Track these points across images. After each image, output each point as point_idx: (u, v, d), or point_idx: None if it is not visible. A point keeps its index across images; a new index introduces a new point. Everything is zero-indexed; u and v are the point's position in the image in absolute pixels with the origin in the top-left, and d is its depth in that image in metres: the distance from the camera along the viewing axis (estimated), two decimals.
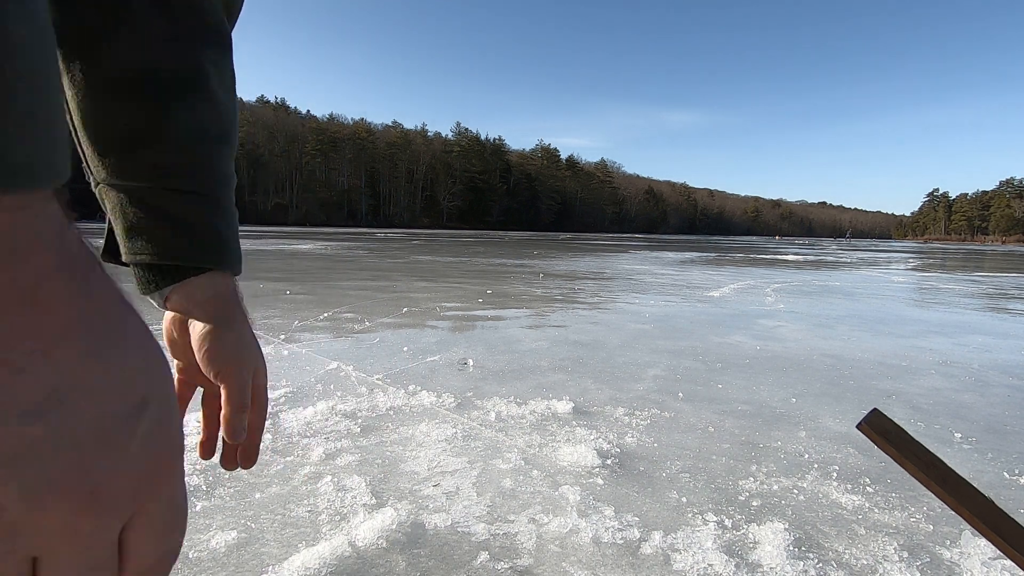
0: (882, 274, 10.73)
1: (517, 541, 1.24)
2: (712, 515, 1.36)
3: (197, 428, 1.12)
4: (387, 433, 1.83)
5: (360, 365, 2.65)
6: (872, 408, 0.52)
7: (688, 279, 8.12)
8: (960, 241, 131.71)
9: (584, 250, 18.57)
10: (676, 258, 14.68)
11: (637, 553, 1.20)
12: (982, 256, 24.81)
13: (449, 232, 55.04)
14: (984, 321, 4.76)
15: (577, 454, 1.67)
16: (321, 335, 3.31)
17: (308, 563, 1.11)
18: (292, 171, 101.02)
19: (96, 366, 0.16)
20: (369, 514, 1.30)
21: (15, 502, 0.15)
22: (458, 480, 1.51)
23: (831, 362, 3.04)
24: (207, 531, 1.23)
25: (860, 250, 29.37)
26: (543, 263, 10.82)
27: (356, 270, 8.04)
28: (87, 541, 0.17)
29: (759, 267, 11.76)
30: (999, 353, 3.40)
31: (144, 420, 0.18)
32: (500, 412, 2.04)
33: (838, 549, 1.25)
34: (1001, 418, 2.17)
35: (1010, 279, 10.08)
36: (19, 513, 0.15)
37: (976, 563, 1.20)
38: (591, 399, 2.25)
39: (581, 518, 1.32)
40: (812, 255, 19.66)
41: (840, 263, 14.63)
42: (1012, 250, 43.68)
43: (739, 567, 1.16)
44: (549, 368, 2.72)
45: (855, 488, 1.54)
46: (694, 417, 2.08)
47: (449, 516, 1.32)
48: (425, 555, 1.17)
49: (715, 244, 33.53)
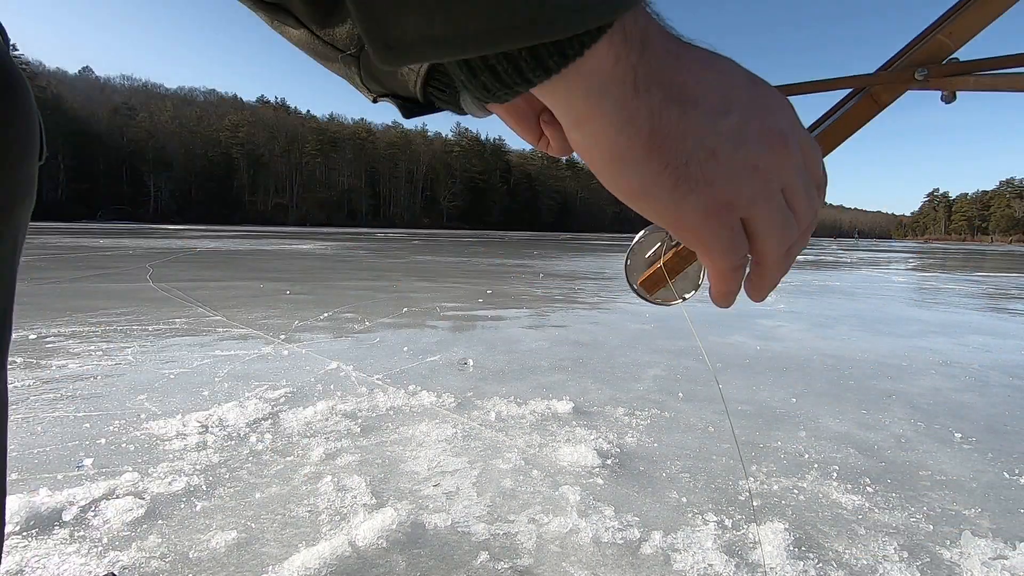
0: (882, 274, 10.73)
1: (517, 541, 1.24)
2: (712, 515, 1.36)
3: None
4: (387, 433, 1.83)
5: (360, 365, 2.65)
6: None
7: None
8: (960, 241, 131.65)
9: (584, 250, 18.57)
10: None
11: (637, 553, 1.20)
12: (982, 256, 24.80)
13: (449, 232, 55.01)
14: (984, 321, 4.76)
15: (577, 454, 1.67)
16: (321, 335, 3.31)
17: (308, 563, 1.11)
18: (292, 171, 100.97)
19: (758, 96, 0.27)
20: (369, 514, 1.30)
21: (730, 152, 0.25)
22: (458, 480, 1.51)
23: (831, 362, 3.04)
24: (207, 531, 1.23)
25: (860, 250, 29.36)
26: (543, 263, 10.82)
27: (356, 270, 8.04)
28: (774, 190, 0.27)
29: None
30: (999, 353, 3.40)
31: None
32: (500, 412, 2.04)
33: (838, 549, 1.25)
34: (1001, 418, 2.17)
35: (1010, 279, 10.08)
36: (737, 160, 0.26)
37: (976, 563, 1.20)
38: (591, 399, 2.25)
39: (581, 518, 1.33)
40: (812, 255, 19.65)
41: (840, 263, 14.63)
42: (1012, 250, 43.66)
43: (739, 567, 1.16)
44: (549, 368, 2.72)
45: (855, 488, 1.54)
46: (694, 417, 2.08)
47: (449, 516, 1.32)
48: (425, 555, 1.18)
49: None
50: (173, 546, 1.18)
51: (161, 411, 1.95)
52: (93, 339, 3.02)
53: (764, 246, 0.28)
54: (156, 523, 1.26)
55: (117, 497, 1.35)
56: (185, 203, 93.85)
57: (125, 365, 2.55)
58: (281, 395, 2.16)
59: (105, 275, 6.29)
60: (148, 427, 1.80)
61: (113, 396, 2.11)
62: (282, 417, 1.92)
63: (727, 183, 0.26)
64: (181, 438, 1.72)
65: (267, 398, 2.11)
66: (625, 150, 0.24)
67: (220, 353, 2.80)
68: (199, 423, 1.82)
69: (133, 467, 1.52)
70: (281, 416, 1.93)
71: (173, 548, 1.17)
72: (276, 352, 2.85)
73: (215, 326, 3.49)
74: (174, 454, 1.61)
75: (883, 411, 2.22)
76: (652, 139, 0.24)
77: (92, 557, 1.13)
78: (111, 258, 8.81)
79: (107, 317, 3.66)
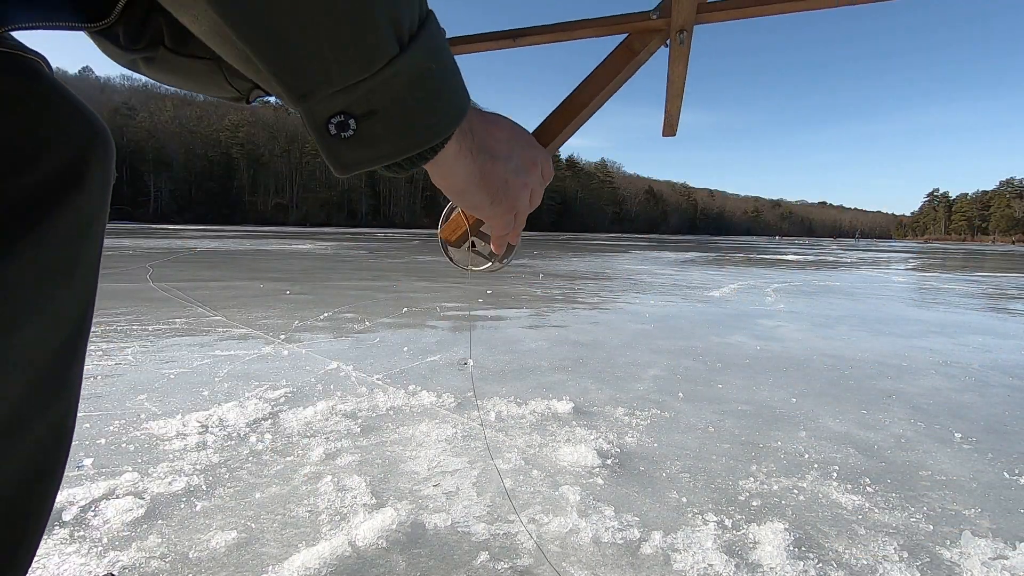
0: (882, 274, 10.73)
1: (517, 541, 1.24)
2: (712, 515, 1.36)
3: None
4: (387, 433, 1.83)
5: (360, 365, 2.65)
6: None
7: (688, 279, 8.12)
8: (960, 241, 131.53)
9: (584, 250, 18.57)
10: (676, 258, 14.68)
11: (637, 553, 1.20)
12: (982, 256, 24.80)
13: None
14: (984, 321, 4.76)
15: (577, 454, 1.67)
16: (321, 335, 3.31)
17: (308, 563, 1.11)
18: (292, 171, 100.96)
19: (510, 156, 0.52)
20: (369, 514, 1.30)
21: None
22: (458, 480, 1.51)
23: (831, 362, 3.04)
24: (207, 531, 1.23)
25: (860, 250, 29.36)
26: (543, 263, 10.82)
27: (356, 270, 8.04)
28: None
29: (759, 267, 11.76)
30: (999, 353, 3.40)
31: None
32: (500, 412, 2.04)
33: (838, 549, 1.25)
34: (1001, 418, 2.17)
35: (1010, 279, 10.08)
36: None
37: (976, 563, 1.20)
38: (591, 399, 2.25)
39: (581, 518, 1.33)
40: (812, 255, 19.65)
41: (840, 263, 14.63)
42: (1012, 250, 43.64)
43: (739, 567, 1.16)
44: (549, 368, 2.72)
45: (855, 488, 1.54)
46: (694, 417, 2.08)
47: (449, 516, 1.33)
48: (425, 555, 1.18)
49: (715, 244, 33.52)
50: (173, 546, 1.18)
51: (161, 411, 1.95)
52: (93, 339, 3.02)
53: (519, 221, 0.57)
54: (156, 523, 1.26)
55: (117, 497, 1.35)
56: (185, 203, 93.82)
57: (125, 365, 2.55)
58: (281, 395, 2.16)
59: (105, 275, 6.29)
60: (148, 427, 1.80)
61: (113, 396, 2.11)
62: (282, 417, 1.92)
63: (515, 198, 0.52)
64: (181, 438, 1.72)
65: (267, 398, 2.11)
66: (467, 186, 0.47)
67: (220, 353, 2.80)
68: (199, 423, 1.83)
69: (133, 467, 1.52)
70: (281, 416, 1.93)
71: (173, 548, 1.17)
72: (276, 352, 2.85)
73: (215, 326, 3.49)
74: (174, 454, 1.61)
75: (883, 411, 2.22)
76: (481, 179, 0.48)
77: (92, 557, 1.13)
78: (111, 258, 8.81)
79: (107, 317, 3.66)
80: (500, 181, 0.49)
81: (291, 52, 0.32)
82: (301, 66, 0.32)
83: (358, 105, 0.35)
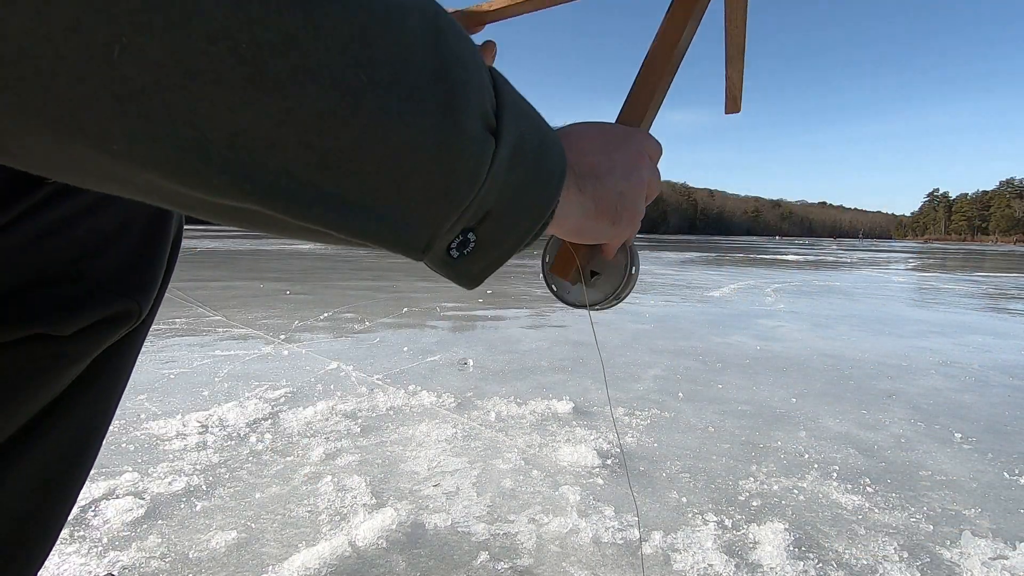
0: (882, 274, 10.73)
1: (517, 541, 1.24)
2: (712, 515, 1.36)
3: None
4: (387, 433, 1.83)
5: (360, 365, 2.65)
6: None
7: (688, 279, 8.12)
8: (960, 241, 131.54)
9: None
10: (676, 258, 14.68)
11: (637, 553, 1.20)
12: (982, 256, 24.80)
13: None
14: (984, 321, 4.76)
15: (577, 454, 1.67)
16: (321, 335, 3.31)
17: (308, 563, 1.11)
18: None
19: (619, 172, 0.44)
20: (369, 514, 1.30)
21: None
22: (458, 480, 1.51)
23: (831, 362, 3.04)
24: (207, 531, 1.23)
25: (860, 250, 29.35)
26: None
27: (356, 270, 8.04)
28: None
29: (759, 267, 11.76)
30: (999, 353, 3.40)
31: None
32: (500, 412, 2.04)
33: (838, 549, 1.25)
34: (1001, 418, 2.17)
35: (1010, 279, 10.08)
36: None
37: (976, 563, 1.20)
38: (591, 399, 2.25)
39: (581, 518, 1.33)
40: (812, 255, 19.65)
41: (840, 263, 14.63)
42: (1012, 250, 43.64)
43: (739, 567, 1.16)
44: (549, 368, 2.72)
45: (855, 488, 1.54)
46: (694, 417, 2.08)
47: (449, 516, 1.33)
48: (425, 555, 1.18)
49: (715, 244, 33.51)
50: (173, 546, 1.18)
51: (161, 411, 1.95)
52: None
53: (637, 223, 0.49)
54: (156, 523, 1.26)
55: (117, 497, 1.35)
56: None
57: None
58: (281, 395, 2.16)
59: None
60: (148, 427, 1.80)
61: None
62: (282, 417, 1.92)
63: (634, 205, 0.45)
64: (181, 438, 1.72)
65: (267, 398, 2.11)
66: (583, 222, 0.42)
67: (220, 353, 2.80)
68: (199, 423, 1.82)
69: (133, 467, 1.52)
70: (281, 416, 1.93)
71: (173, 548, 1.17)
72: (276, 352, 2.85)
73: (215, 326, 3.49)
74: (174, 454, 1.61)
75: (883, 411, 2.22)
76: (596, 209, 0.42)
77: (92, 557, 1.13)
78: None
79: None
80: (615, 197, 0.43)
81: (399, 224, 0.27)
82: (410, 225, 0.28)
83: (472, 219, 0.31)
